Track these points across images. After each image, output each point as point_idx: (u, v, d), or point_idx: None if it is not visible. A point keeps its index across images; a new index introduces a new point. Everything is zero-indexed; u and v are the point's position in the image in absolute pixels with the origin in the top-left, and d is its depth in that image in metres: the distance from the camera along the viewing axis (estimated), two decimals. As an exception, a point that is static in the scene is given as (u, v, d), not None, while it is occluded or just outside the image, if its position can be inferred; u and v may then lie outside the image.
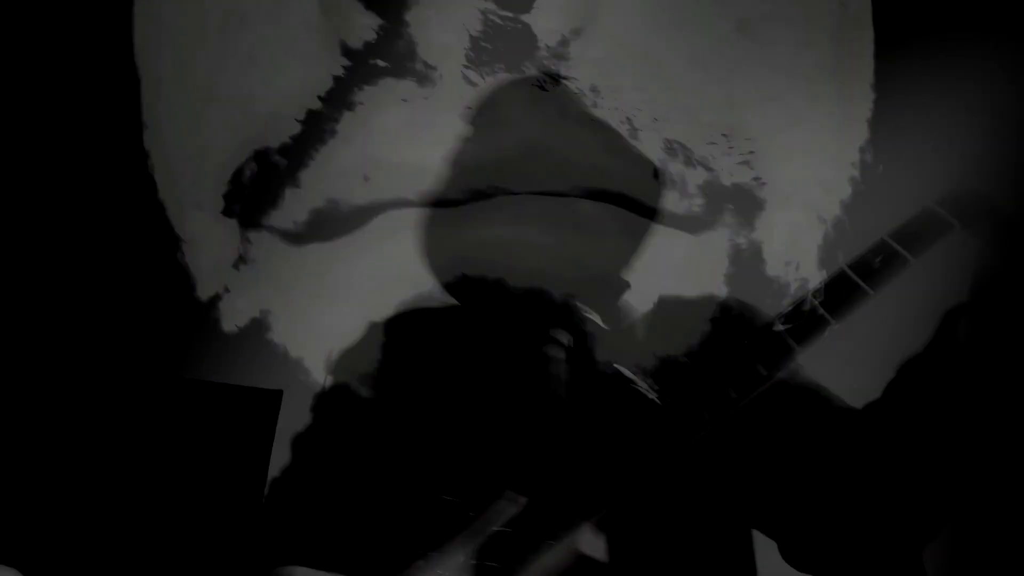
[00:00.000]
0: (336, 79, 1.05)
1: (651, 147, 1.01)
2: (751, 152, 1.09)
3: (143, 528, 1.15)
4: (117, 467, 1.20)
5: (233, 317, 1.22)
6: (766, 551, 0.90)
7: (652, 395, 0.82)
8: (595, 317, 0.95)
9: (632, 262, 1.01)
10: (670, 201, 1.04)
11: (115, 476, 1.19)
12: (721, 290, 1.09)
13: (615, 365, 0.87)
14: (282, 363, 1.18)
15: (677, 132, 1.03)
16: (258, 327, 1.21)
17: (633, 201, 1.00)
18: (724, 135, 1.07)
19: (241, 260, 1.20)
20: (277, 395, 1.21)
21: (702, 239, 1.09)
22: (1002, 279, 0.76)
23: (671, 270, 1.06)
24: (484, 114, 0.96)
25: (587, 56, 1.01)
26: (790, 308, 0.80)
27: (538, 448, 0.82)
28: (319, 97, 1.06)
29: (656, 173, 1.01)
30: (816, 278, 1.14)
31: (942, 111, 1.10)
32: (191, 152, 1.23)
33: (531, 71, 0.97)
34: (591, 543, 0.71)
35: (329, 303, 1.12)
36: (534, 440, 0.83)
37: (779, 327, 0.78)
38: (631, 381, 0.85)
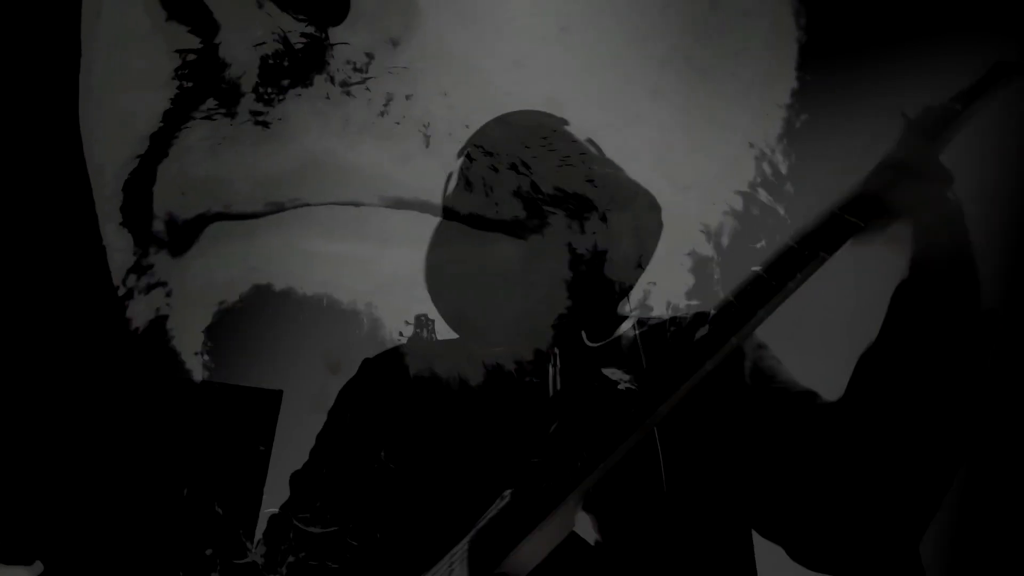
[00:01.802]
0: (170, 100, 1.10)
1: (449, 152, 1.01)
2: (581, 154, 1.06)
3: (143, 527, 1.23)
4: (117, 467, 1.29)
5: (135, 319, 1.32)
6: (765, 549, 0.91)
7: (625, 386, 0.84)
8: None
9: (446, 268, 1.02)
10: (481, 206, 1.03)
11: (115, 476, 1.28)
12: (562, 293, 1.07)
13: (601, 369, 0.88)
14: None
15: (484, 139, 1.02)
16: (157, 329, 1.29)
17: (437, 208, 1.01)
18: (544, 138, 1.05)
19: (137, 267, 1.29)
20: (277, 395, 1.28)
21: (533, 244, 1.07)
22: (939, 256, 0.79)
23: (508, 275, 1.06)
24: (279, 128, 0.99)
25: (391, 65, 1.02)
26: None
27: (525, 441, 0.86)
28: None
29: (454, 178, 1.01)
30: (662, 276, 1.11)
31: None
32: (95, 166, 1.33)
33: (319, 82, 0.99)
34: (579, 524, 0.75)
35: (195, 304, 1.19)
36: (523, 436, 0.87)
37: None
38: (607, 378, 0.86)
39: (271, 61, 0.96)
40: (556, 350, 0.98)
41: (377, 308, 1.00)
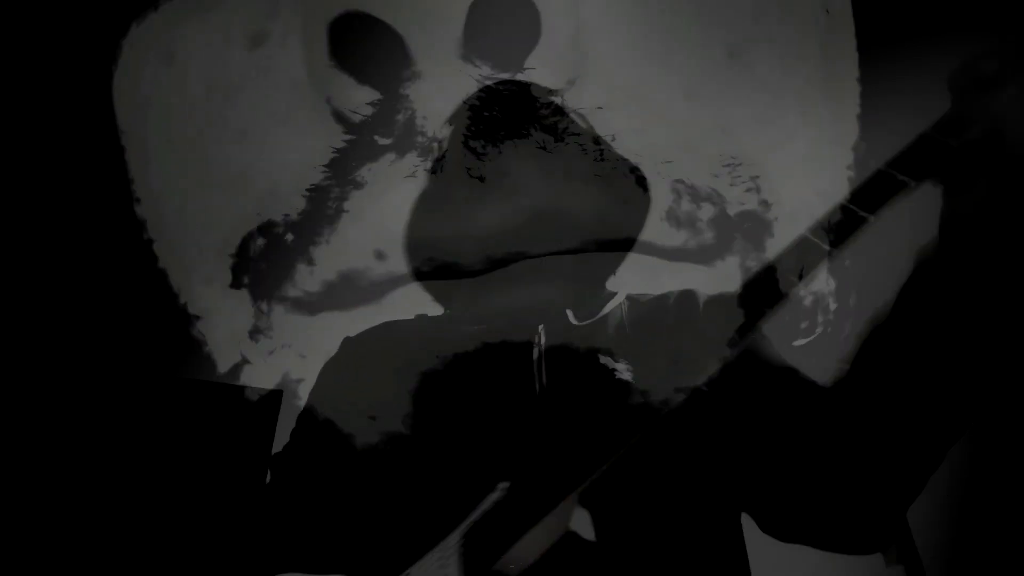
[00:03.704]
0: (338, 152, 1.04)
1: (659, 191, 1.01)
2: (754, 177, 1.10)
3: (143, 527, 1.17)
4: (118, 467, 1.22)
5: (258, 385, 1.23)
6: (757, 545, 0.90)
7: (627, 375, 0.84)
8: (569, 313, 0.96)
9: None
10: (681, 239, 1.05)
11: (116, 476, 1.21)
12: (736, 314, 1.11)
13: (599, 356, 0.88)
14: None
15: (683, 171, 1.04)
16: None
17: (645, 246, 1.01)
18: (726, 166, 1.08)
19: (256, 331, 1.20)
20: (277, 395, 1.23)
21: (715, 269, 1.10)
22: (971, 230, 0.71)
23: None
24: (492, 182, 0.96)
25: (584, 107, 1.01)
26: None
27: (521, 434, 0.84)
28: (322, 170, 1.06)
29: (666, 216, 1.02)
30: (826, 288, 1.17)
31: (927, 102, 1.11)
32: (192, 226, 1.22)
33: (533, 133, 0.97)
34: (576, 520, 0.71)
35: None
36: (517, 429, 0.85)
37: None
38: (608, 366, 0.86)
39: (483, 113, 0.92)
40: (540, 328, 0.94)
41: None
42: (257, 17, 1.14)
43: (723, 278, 1.11)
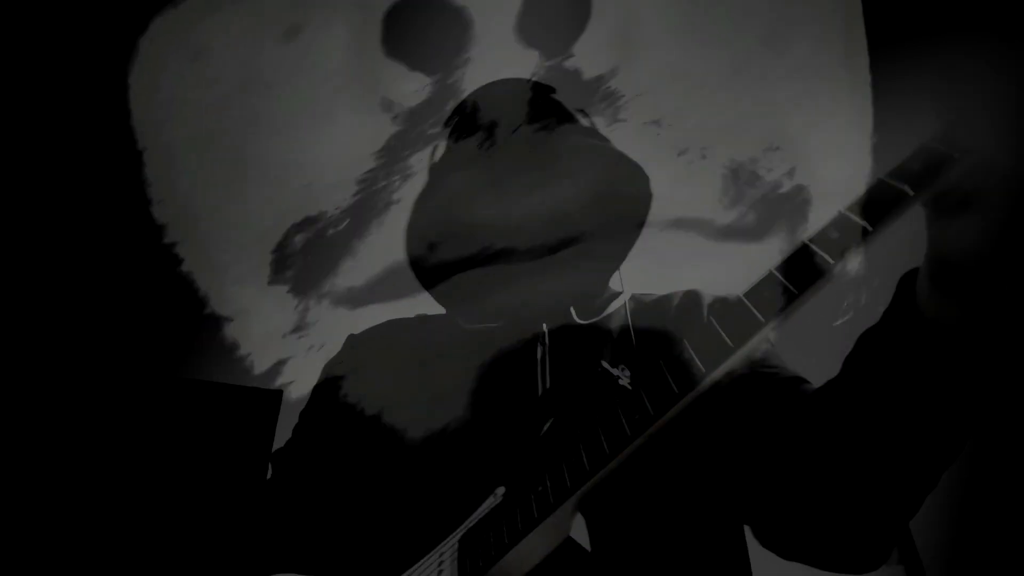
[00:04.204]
0: (386, 143, 1.04)
1: (714, 170, 1.03)
2: (793, 159, 1.12)
3: (143, 528, 1.16)
4: (117, 467, 1.20)
5: (300, 385, 1.22)
6: (760, 555, 0.88)
7: (625, 381, 0.84)
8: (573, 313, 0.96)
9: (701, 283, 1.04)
10: (730, 218, 1.06)
11: (115, 476, 1.20)
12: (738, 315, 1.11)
13: (601, 362, 0.87)
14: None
15: (729, 153, 1.06)
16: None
17: (701, 223, 1.03)
18: (767, 149, 1.10)
19: (297, 328, 1.19)
20: (277, 395, 1.22)
21: (758, 248, 1.12)
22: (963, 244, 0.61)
23: (731, 286, 1.10)
24: (547, 167, 0.95)
25: (633, 90, 1.02)
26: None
27: (518, 440, 0.83)
28: (369, 161, 1.05)
29: (716, 195, 1.03)
30: (861, 267, 1.20)
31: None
32: (225, 226, 1.20)
33: (585, 117, 0.97)
34: (575, 529, 0.70)
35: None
36: (516, 435, 0.84)
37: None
38: (607, 371, 0.85)
39: (535, 98, 0.93)
40: (545, 327, 0.93)
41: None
42: (289, 9, 1.13)
43: (765, 258, 1.13)
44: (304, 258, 1.13)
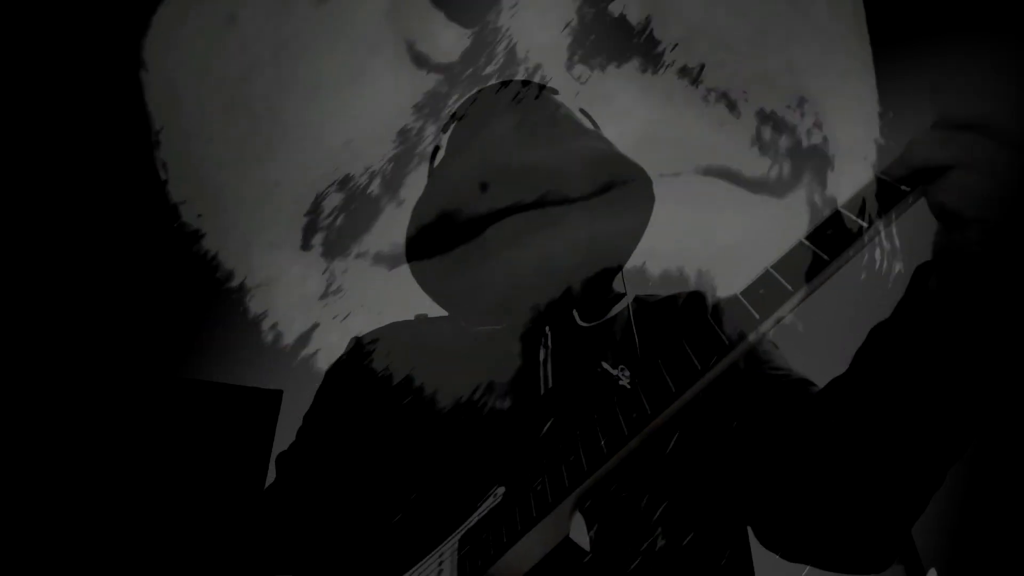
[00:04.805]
0: (425, 95, 1.05)
1: (748, 118, 1.05)
2: (818, 113, 1.15)
3: (144, 526, 1.14)
4: (118, 466, 1.19)
5: (329, 351, 1.20)
6: (761, 555, 0.88)
7: (624, 381, 0.84)
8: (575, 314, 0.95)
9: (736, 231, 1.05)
10: (764, 167, 1.09)
11: (116, 475, 1.18)
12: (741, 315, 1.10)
13: (601, 363, 0.87)
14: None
15: (762, 101, 1.08)
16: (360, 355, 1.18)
17: (733, 174, 1.05)
18: (795, 101, 1.13)
19: (329, 293, 1.18)
20: (277, 395, 1.21)
21: (785, 202, 1.14)
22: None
23: (759, 235, 1.11)
24: (597, 109, 0.97)
25: (670, 38, 1.05)
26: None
27: (518, 440, 0.83)
28: (410, 114, 1.05)
29: (752, 141, 1.06)
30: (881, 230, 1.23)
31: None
32: (255, 193, 1.20)
33: (631, 60, 0.99)
34: (572, 526, 0.70)
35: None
36: (516, 435, 0.84)
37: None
38: (607, 372, 0.85)
39: (583, 39, 0.95)
40: (548, 330, 0.93)
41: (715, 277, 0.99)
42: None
43: (793, 213, 1.15)
44: (340, 217, 1.13)
